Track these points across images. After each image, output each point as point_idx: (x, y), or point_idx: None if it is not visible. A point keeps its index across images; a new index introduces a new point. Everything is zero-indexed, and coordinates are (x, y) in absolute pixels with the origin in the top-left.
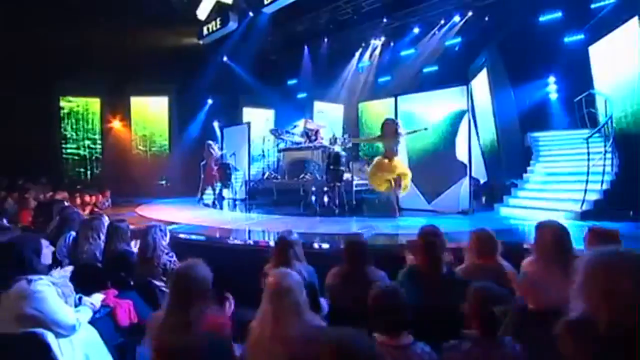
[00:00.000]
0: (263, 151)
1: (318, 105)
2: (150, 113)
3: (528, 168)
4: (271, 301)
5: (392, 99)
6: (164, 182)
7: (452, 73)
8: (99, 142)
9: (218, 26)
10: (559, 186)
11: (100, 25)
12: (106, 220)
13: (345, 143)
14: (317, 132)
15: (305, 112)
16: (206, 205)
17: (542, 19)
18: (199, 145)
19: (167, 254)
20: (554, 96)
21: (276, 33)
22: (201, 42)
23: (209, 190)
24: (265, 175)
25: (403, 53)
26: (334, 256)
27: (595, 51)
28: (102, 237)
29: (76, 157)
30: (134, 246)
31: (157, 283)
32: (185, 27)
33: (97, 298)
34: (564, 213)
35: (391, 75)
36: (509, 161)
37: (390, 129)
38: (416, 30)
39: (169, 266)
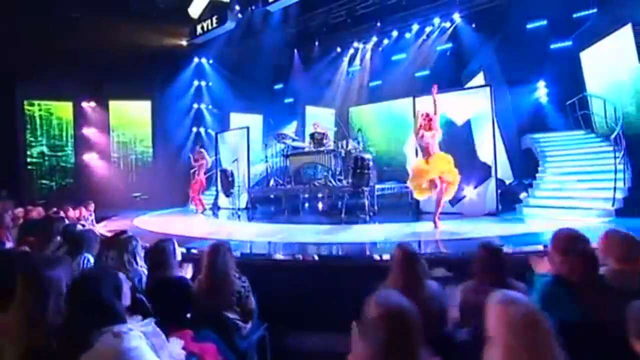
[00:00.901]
0: (266, 157)
1: (310, 109)
2: (131, 118)
3: (539, 168)
4: (523, 336)
5: (384, 103)
6: (138, 196)
7: (444, 77)
8: (69, 149)
9: (214, 25)
10: (579, 185)
11: (75, 20)
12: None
13: (358, 146)
14: (325, 135)
15: (296, 117)
16: (213, 214)
17: (529, 26)
18: (184, 152)
19: (239, 278)
20: (544, 99)
21: (265, 35)
22: (194, 41)
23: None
24: (271, 182)
25: (394, 57)
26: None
27: (587, 56)
28: (140, 261)
29: (42, 167)
30: (186, 271)
31: (231, 316)
32: (170, 26)
33: (175, 346)
34: (596, 211)
35: (382, 79)
36: (510, 163)
37: (424, 123)
38: (407, 35)
39: (244, 293)
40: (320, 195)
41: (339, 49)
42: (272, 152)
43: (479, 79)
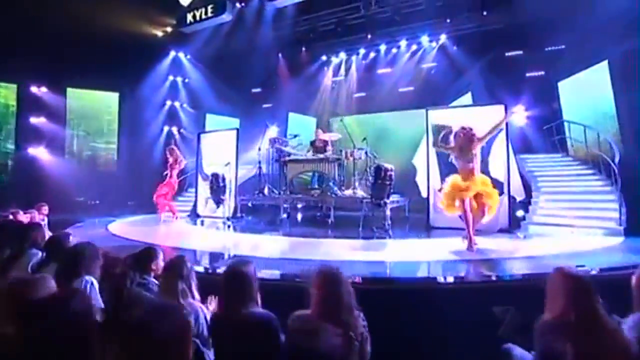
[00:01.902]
0: (260, 163)
1: (293, 116)
2: (94, 110)
3: (534, 186)
4: None
5: (369, 115)
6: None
7: (428, 95)
8: (9, 142)
9: (209, 14)
10: (580, 204)
11: None
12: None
13: (368, 156)
14: (327, 143)
15: (273, 122)
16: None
17: (507, 54)
18: (155, 152)
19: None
20: (524, 122)
21: (250, 35)
22: (183, 29)
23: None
24: (265, 190)
25: (380, 71)
26: None
27: (565, 86)
28: (195, 292)
29: None
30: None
31: None
32: (147, 12)
33: None
34: (602, 230)
35: (366, 92)
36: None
37: (464, 139)
38: (394, 50)
39: (365, 335)
40: (317, 204)
41: (324, 57)
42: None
43: (467, 98)
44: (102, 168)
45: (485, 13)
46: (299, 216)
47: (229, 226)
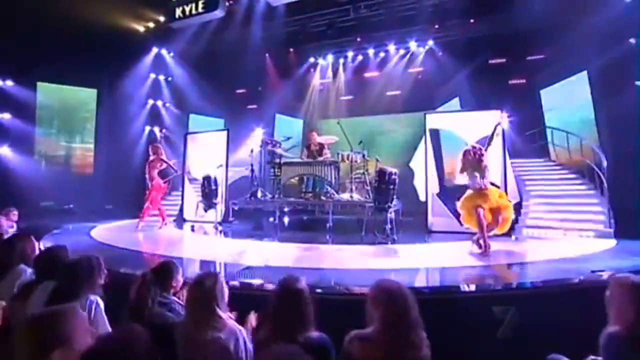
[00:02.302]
0: (252, 166)
1: (280, 118)
2: (69, 107)
3: (523, 189)
4: None
5: (357, 118)
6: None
7: (414, 99)
8: None
9: (200, 10)
10: (567, 207)
11: None
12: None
13: (363, 159)
14: (324, 147)
15: (259, 124)
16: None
17: (491, 61)
18: (135, 153)
19: None
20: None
21: (237, 34)
22: (172, 25)
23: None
24: (258, 194)
25: (367, 74)
26: None
27: (547, 94)
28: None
29: None
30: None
31: None
32: (129, 6)
33: None
34: (593, 233)
35: (354, 94)
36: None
37: (473, 158)
38: (382, 54)
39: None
40: (308, 208)
41: (312, 59)
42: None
43: (455, 102)
44: (77, 170)
45: (472, 21)
46: (286, 220)
47: (221, 232)
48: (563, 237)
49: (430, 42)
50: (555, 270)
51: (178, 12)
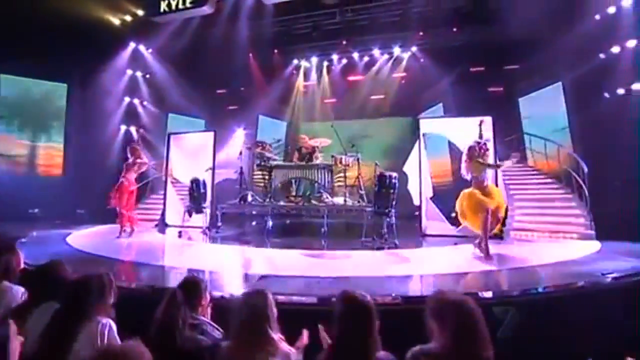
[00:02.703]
0: (242, 168)
1: (263, 120)
2: (35, 103)
3: (506, 193)
4: None
5: (341, 122)
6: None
7: (398, 104)
8: None
9: (187, 4)
10: (548, 211)
11: None
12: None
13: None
14: (315, 150)
15: (239, 125)
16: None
17: (472, 69)
18: (110, 154)
19: None
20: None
21: (221, 32)
22: (155, 19)
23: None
24: (248, 198)
25: (351, 78)
26: None
27: (524, 102)
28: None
29: None
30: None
31: None
32: None
33: None
34: (575, 234)
35: (337, 97)
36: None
37: (478, 153)
38: (366, 58)
39: None
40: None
41: (296, 61)
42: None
43: (439, 108)
44: (42, 171)
45: (455, 30)
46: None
47: (212, 238)
48: (549, 239)
49: (414, 49)
50: (569, 273)
51: (163, 5)
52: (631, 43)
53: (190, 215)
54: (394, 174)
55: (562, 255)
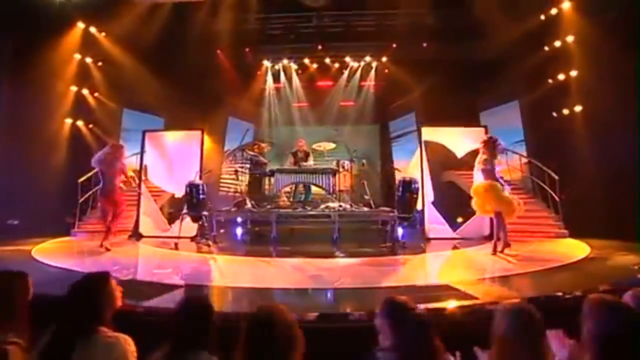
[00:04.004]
0: (237, 172)
1: (232, 121)
2: None
3: None
4: None
5: (312, 127)
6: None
7: (367, 111)
8: None
9: None
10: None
11: None
12: None
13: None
14: (309, 154)
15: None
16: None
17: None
18: (52, 153)
19: None
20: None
21: (188, 23)
22: None
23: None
24: (247, 204)
25: (321, 83)
26: None
27: (485, 116)
28: None
29: None
30: None
31: None
32: None
33: None
34: (553, 234)
35: (307, 102)
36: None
37: (492, 146)
38: (337, 65)
39: None
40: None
41: (267, 61)
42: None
43: (411, 117)
44: None
45: (425, 45)
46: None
47: (223, 249)
48: (533, 239)
49: (384, 59)
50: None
51: None
52: (574, 72)
53: (170, 224)
54: (416, 178)
55: (580, 253)
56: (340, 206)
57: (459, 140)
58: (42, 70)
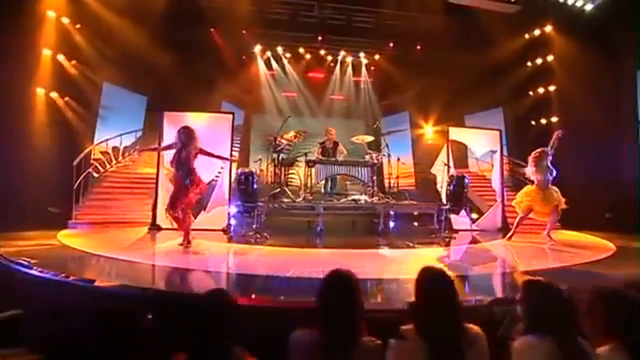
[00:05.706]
0: (275, 161)
1: (225, 107)
2: None
3: None
4: None
5: (297, 118)
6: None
7: (359, 106)
8: None
9: None
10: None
11: None
12: None
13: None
14: (337, 144)
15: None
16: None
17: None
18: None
19: None
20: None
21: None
22: None
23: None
24: (287, 193)
25: (313, 74)
26: None
27: (469, 119)
28: None
29: None
30: None
31: None
32: None
33: None
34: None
35: (298, 92)
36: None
37: (543, 159)
38: (331, 57)
39: None
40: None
41: (260, 47)
42: None
43: (404, 115)
44: None
45: (418, 47)
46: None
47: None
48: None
49: (377, 56)
50: None
51: None
52: (552, 87)
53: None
54: (467, 174)
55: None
56: (388, 198)
57: (476, 141)
58: (8, 25)
